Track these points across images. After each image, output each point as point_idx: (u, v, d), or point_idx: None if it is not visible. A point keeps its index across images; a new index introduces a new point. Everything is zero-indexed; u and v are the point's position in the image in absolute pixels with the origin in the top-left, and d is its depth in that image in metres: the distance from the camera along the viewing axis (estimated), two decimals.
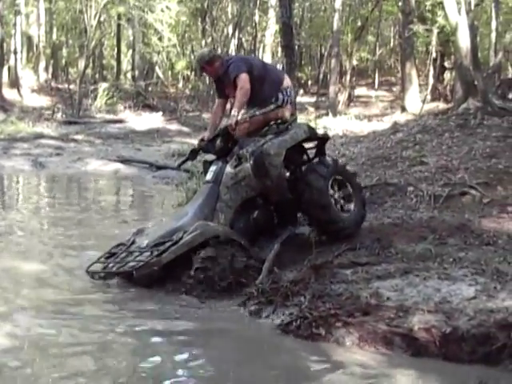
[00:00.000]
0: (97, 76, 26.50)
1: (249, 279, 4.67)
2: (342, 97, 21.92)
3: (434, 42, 19.00)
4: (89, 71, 23.81)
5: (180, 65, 25.23)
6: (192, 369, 3.50)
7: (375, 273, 4.45)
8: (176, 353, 3.69)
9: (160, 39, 22.76)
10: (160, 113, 19.97)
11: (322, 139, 5.71)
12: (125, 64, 27.38)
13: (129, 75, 25.56)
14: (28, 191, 10.63)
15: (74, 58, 26.64)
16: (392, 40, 30.20)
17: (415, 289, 4.09)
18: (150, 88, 23.72)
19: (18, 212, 8.36)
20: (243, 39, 26.28)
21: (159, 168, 12.64)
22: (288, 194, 5.27)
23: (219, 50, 22.20)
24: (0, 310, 4.17)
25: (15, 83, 21.05)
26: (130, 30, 24.88)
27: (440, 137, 8.98)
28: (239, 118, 5.18)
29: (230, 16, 25.52)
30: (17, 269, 5.15)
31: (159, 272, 4.66)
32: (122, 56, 26.95)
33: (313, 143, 5.71)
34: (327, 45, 24.20)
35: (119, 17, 23.73)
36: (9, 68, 22.12)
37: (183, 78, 26.29)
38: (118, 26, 25.36)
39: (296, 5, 23.37)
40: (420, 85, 20.46)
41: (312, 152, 5.72)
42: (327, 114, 19.30)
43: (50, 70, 24.97)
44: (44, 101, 20.75)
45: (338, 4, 21.18)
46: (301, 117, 14.80)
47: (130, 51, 26.16)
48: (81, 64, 20.98)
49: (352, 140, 12.05)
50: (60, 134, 15.91)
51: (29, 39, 23.68)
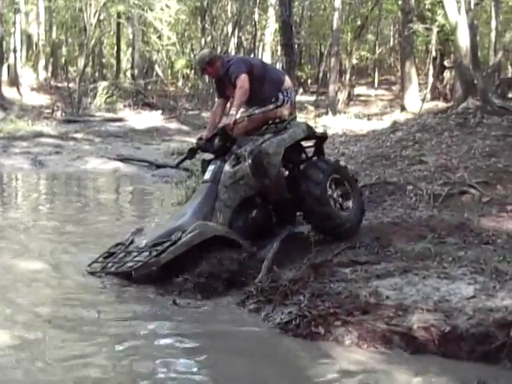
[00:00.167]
0: (96, 74, 26.49)
1: (248, 278, 4.67)
2: (342, 96, 21.92)
3: (434, 41, 19.00)
4: (88, 70, 23.81)
5: (179, 63, 25.24)
6: (191, 368, 3.50)
7: (374, 272, 4.45)
8: (175, 352, 3.69)
9: (159, 38, 22.75)
10: (159, 111, 19.96)
11: (321, 138, 5.71)
12: (124, 62, 27.37)
13: (128, 74, 25.55)
14: (27, 190, 10.62)
15: (74, 57, 26.63)
16: (392, 39, 30.22)
17: (414, 288, 4.09)
18: (150, 86, 23.72)
19: (18, 210, 8.36)
20: (243, 38, 26.25)
21: (158, 167, 12.61)
22: (286, 193, 5.27)
23: (219, 49, 22.19)
24: None
25: (15, 81, 21.02)
26: (130, 29, 24.87)
27: (439, 136, 9.00)
28: (237, 117, 5.19)
29: (230, 15, 25.50)
30: (16, 267, 5.14)
31: (158, 272, 4.65)
32: (122, 54, 26.93)
33: (311, 142, 5.71)
34: (327, 43, 24.21)
35: (119, 15, 23.74)
36: (8, 66, 22.08)
37: (183, 77, 26.30)
38: (118, 25, 25.36)
39: (296, 3, 23.31)
40: (420, 84, 20.48)
41: (310, 151, 5.72)
42: (327, 113, 19.30)
43: (50, 69, 24.95)
44: (43, 99, 20.72)
45: (338, 3, 21.17)
46: (300, 116, 14.80)
47: (130, 50, 26.15)
48: (80, 62, 20.97)
49: (351, 139, 12.07)
50: (59, 133, 15.88)
51: (28, 37, 23.65)
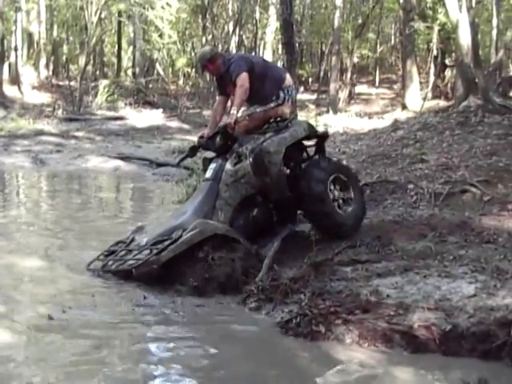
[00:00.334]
0: (97, 73, 26.50)
1: (249, 277, 4.67)
2: (343, 94, 21.92)
3: (435, 40, 18.99)
4: (89, 68, 23.81)
5: (180, 62, 25.22)
6: (191, 366, 3.50)
7: (375, 270, 4.45)
8: (175, 351, 3.69)
9: (160, 36, 22.74)
10: (160, 110, 19.94)
11: (322, 137, 5.71)
12: (125, 61, 27.35)
13: (129, 72, 25.53)
14: (28, 188, 10.62)
15: (75, 55, 26.63)
16: (393, 37, 30.19)
17: (415, 286, 4.09)
18: (151, 85, 23.71)
19: (18, 208, 8.37)
20: (244, 36, 26.24)
21: (159, 165, 12.61)
22: (287, 192, 5.26)
23: (220, 48, 22.17)
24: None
25: (16, 80, 21.01)
26: (131, 27, 24.84)
27: (440, 134, 8.98)
28: (238, 116, 5.18)
29: (231, 13, 25.49)
30: (16, 265, 5.14)
31: (158, 270, 4.65)
32: (123, 53, 26.92)
33: (312, 141, 5.71)
34: (328, 42, 24.18)
35: (120, 14, 23.72)
36: (9, 65, 22.08)
37: (184, 75, 26.29)
38: (119, 23, 25.35)
39: (297, 2, 23.36)
40: (421, 82, 20.46)
41: (312, 150, 5.71)
42: (328, 112, 19.30)
43: (51, 67, 24.93)
44: (44, 97, 20.71)
45: (339, 1, 21.17)
46: (301, 114, 14.83)
47: (131, 48, 26.12)
48: (81, 61, 20.95)
49: (352, 137, 12.05)
50: (60, 131, 15.88)
51: (29, 36, 23.62)
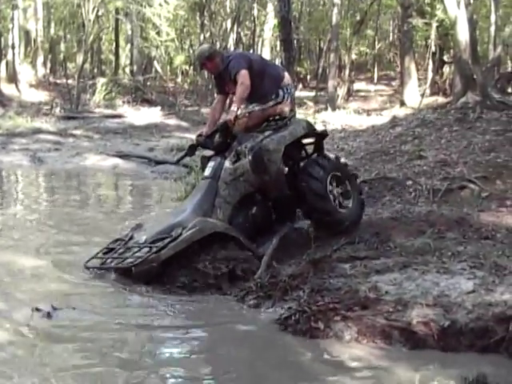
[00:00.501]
0: (95, 71, 26.43)
1: (248, 274, 4.67)
2: (341, 91, 21.89)
3: (433, 36, 18.96)
4: (87, 66, 23.75)
5: (178, 59, 25.15)
6: (191, 364, 3.50)
7: (374, 267, 4.46)
8: (174, 348, 3.70)
9: (158, 34, 22.66)
10: (159, 108, 19.90)
11: (321, 135, 5.71)
12: (123, 59, 27.28)
13: (127, 70, 25.47)
14: (26, 186, 10.61)
15: (72, 53, 26.54)
16: (391, 34, 30.17)
17: (414, 283, 4.09)
18: (149, 83, 23.66)
19: (16, 206, 8.36)
20: (242, 34, 26.19)
21: (158, 163, 12.60)
22: (286, 190, 5.27)
23: (218, 45, 22.12)
24: None
25: (13, 78, 20.98)
26: (128, 25, 24.77)
27: (439, 131, 9.00)
28: (238, 113, 5.18)
29: (229, 10, 25.42)
30: (15, 263, 5.14)
31: (158, 268, 4.65)
32: (121, 51, 26.84)
33: (311, 139, 5.71)
34: (326, 39, 24.13)
35: (117, 11, 23.63)
36: (7, 63, 22.03)
37: (182, 73, 26.24)
38: (116, 21, 25.27)
39: None
40: (419, 79, 20.44)
41: (310, 148, 5.72)
42: (326, 109, 19.26)
43: (48, 65, 24.89)
44: (42, 96, 20.67)
45: None
46: (300, 111, 14.81)
47: (129, 46, 26.07)
48: (79, 59, 20.90)
49: (351, 134, 12.06)
50: (58, 129, 15.84)
51: (26, 34, 23.57)
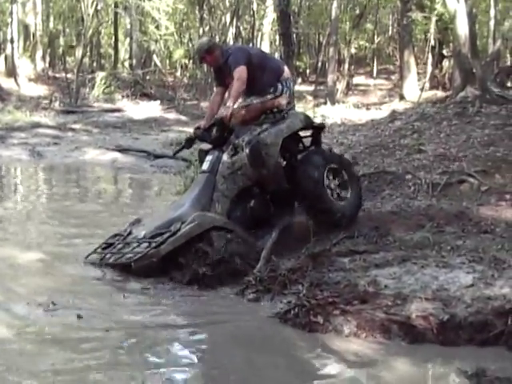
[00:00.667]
0: (94, 65, 26.36)
1: (247, 268, 4.67)
2: (341, 85, 21.88)
3: (433, 30, 18.94)
4: (86, 60, 23.70)
5: (178, 53, 25.10)
6: (190, 357, 3.51)
7: (373, 261, 4.46)
8: (173, 343, 3.69)
9: (157, 27, 22.62)
10: (158, 102, 19.88)
11: (318, 128, 5.70)
12: (122, 53, 27.21)
13: (126, 64, 25.43)
14: (25, 180, 10.61)
15: (72, 47, 26.48)
16: (390, 28, 30.11)
17: (413, 277, 4.09)
18: (148, 77, 23.62)
19: (16, 201, 8.35)
20: (241, 27, 26.12)
21: (157, 157, 12.58)
22: (285, 184, 5.26)
23: (217, 39, 22.07)
24: None
25: (12, 72, 20.91)
26: (127, 19, 24.70)
27: (438, 125, 8.98)
28: (235, 107, 5.17)
29: (228, 4, 25.35)
30: (14, 258, 5.13)
31: (157, 263, 4.65)
32: (120, 44, 26.77)
33: (309, 132, 5.70)
34: (325, 33, 24.09)
35: (116, 5, 23.55)
36: (5, 57, 21.95)
37: (181, 67, 26.19)
38: (115, 15, 25.18)
39: None
40: (418, 73, 20.42)
41: (308, 141, 5.71)
42: (325, 103, 19.25)
43: (47, 59, 24.81)
44: (41, 90, 20.62)
45: None
46: (299, 105, 14.76)
47: (128, 40, 26.01)
48: (78, 53, 20.85)
49: (350, 128, 12.05)
50: (57, 124, 15.83)
51: (25, 28, 23.48)
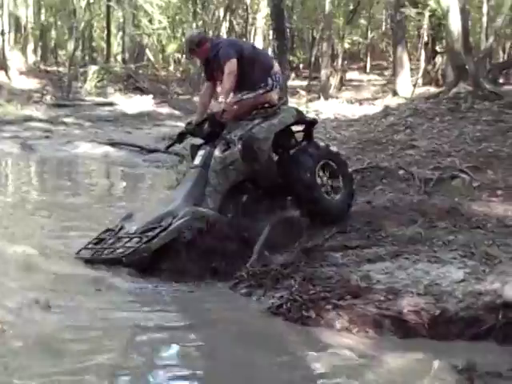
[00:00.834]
0: (86, 58, 26.26)
1: (239, 263, 4.66)
2: (334, 80, 21.90)
3: (426, 26, 18.97)
4: (78, 53, 23.56)
5: (171, 47, 25.05)
6: (182, 352, 3.50)
7: (365, 256, 4.46)
8: (166, 338, 3.67)
9: (150, 21, 22.56)
10: (150, 96, 19.82)
11: (310, 123, 5.69)
12: (115, 46, 27.13)
13: (119, 58, 25.36)
14: (16, 174, 10.55)
15: (63, 40, 26.35)
16: (384, 24, 30.12)
17: (405, 272, 4.10)
18: (141, 71, 23.54)
19: (6, 194, 8.31)
20: (234, 22, 26.07)
21: (150, 151, 12.55)
22: (277, 178, 5.25)
23: (210, 33, 22.02)
24: None
25: (3, 65, 20.78)
26: (120, 12, 24.61)
27: (431, 121, 9.01)
28: (227, 101, 5.15)
29: None
30: (5, 252, 5.09)
31: (149, 258, 4.64)
32: (112, 38, 26.66)
33: (301, 127, 5.69)
34: (319, 28, 24.06)
35: None
36: None
37: (174, 61, 26.14)
38: (108, 8, 25.06)
39: None
40: (411, 69, 20.46)
41: (300, 135, 5.70)
42: (319, 98, 19.27)
43: (39, 52, 24.71)
44: (33, 83, 20.52)
45: None
46: (292, 100, 14.76)
47: (120, 33, 25.92)
48: (70, 46, 20.76)
49: (343, 124, 12.05)
50: (49, 117, 15.77)
51: (17, 20, 23.38)
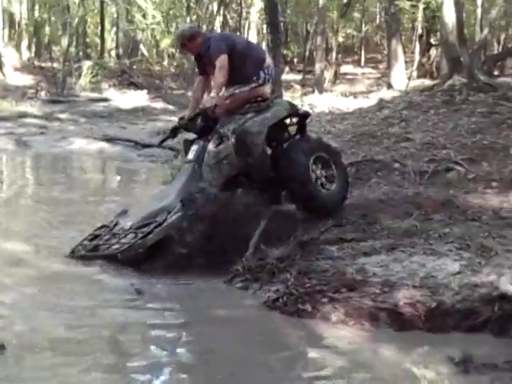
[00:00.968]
0: (80, 54, 26.13)
1: (235, 256, 4.66)
2: (328, 74, 21.84)
3: (420, 19, 18.94)
4: (72, 49, 23.45)
5: (165, 42, 24.94)
6: (178, 345, 3.51)
7: (361, 249, 4.47)
8: (162, 333, 3.68)
9: (144, 16, 22.47)
10: (145, 91, 19.76)
11: (303, 116, 5.69)
12: (109, 42, 26.99)
13: (113, 53, 25.26)
14: (12, 171, 10.52)
15: (57, 36, 26.23)
16: (378, 16, 30.05)
17: (401, 264, 4.10)
18: (135, 66, 23.45)
19: (1, 191, 8.28)
20: (228, 16, 25.99)
21: (144, 146, 12.52)
22: (271, 172, 5.25)
23: (204, 28, 21.95)
24: None
25: None
26: (114, 7, 24.50)
27: (426, 113, 9.01)
28: (220, 95, 5.13)
29: None
30: (0, 248, 5.09)
31: (144, 254, 4.63)
32: (106, 34, 26.52)
33: (294, 120, 5.68)
34: (313, 22, 24.00)
35: None
36: None
37: (168, 56, 26.06)
38: (101, 3, 24.94)
39: None
40: (406, 61, 20.43)
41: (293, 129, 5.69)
42: (313, 92, 19.22)
43: (33, 48, 24.60)
44: (27, 79, 20.43)
45: None
46: (287, 94, 14.72)
47: (114, 29, 25.82)
48: (64, 42, 20.68)
49: (338, 117, 12.02)
50: (44, 113, 15.71)
51: (10, 16, 23.27)
